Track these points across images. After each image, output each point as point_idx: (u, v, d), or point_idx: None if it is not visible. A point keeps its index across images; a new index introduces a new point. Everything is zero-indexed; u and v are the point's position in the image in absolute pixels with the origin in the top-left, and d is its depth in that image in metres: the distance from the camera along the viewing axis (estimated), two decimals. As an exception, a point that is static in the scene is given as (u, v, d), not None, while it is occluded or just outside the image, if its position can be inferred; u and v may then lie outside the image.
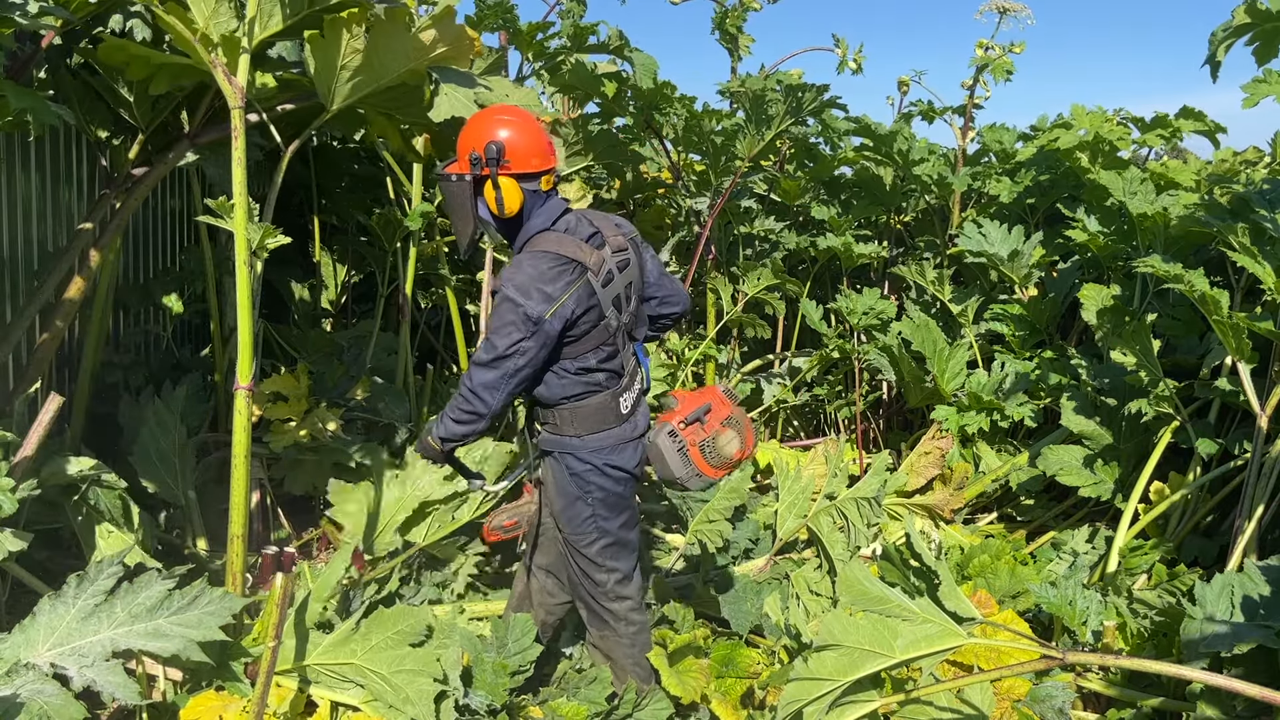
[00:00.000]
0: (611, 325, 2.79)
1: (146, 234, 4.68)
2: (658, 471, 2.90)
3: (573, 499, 2.85)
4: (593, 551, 2.88)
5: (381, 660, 2.56)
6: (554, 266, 2.66)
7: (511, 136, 2.69)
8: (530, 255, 2.69)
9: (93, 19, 3.17)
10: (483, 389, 2.65)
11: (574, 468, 2.82)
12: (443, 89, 3.14)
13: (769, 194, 6.16)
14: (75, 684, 2.25)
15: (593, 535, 2.87)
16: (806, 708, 2.36)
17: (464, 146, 2.72)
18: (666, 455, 2.86)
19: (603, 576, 2.91)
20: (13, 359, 3.70)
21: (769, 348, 6.21)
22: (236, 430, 2.65)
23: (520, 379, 2.67)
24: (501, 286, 2.66)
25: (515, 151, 2.69)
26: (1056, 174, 5.31)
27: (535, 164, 2.72)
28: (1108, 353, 4.47)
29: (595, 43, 4.74)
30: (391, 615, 2.62)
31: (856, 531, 4.05)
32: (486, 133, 2.69)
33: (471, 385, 2.66)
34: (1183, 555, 3.92)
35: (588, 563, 2.90)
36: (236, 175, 2.51)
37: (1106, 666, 3.04)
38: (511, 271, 2.68)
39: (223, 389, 4.42)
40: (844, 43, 5.48)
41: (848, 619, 2.34)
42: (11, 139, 3.55)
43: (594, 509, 2.85)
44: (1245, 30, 3.12)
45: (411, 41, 2.94)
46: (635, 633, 2.97)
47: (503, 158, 2.67)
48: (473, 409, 2.67)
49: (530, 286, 2.63)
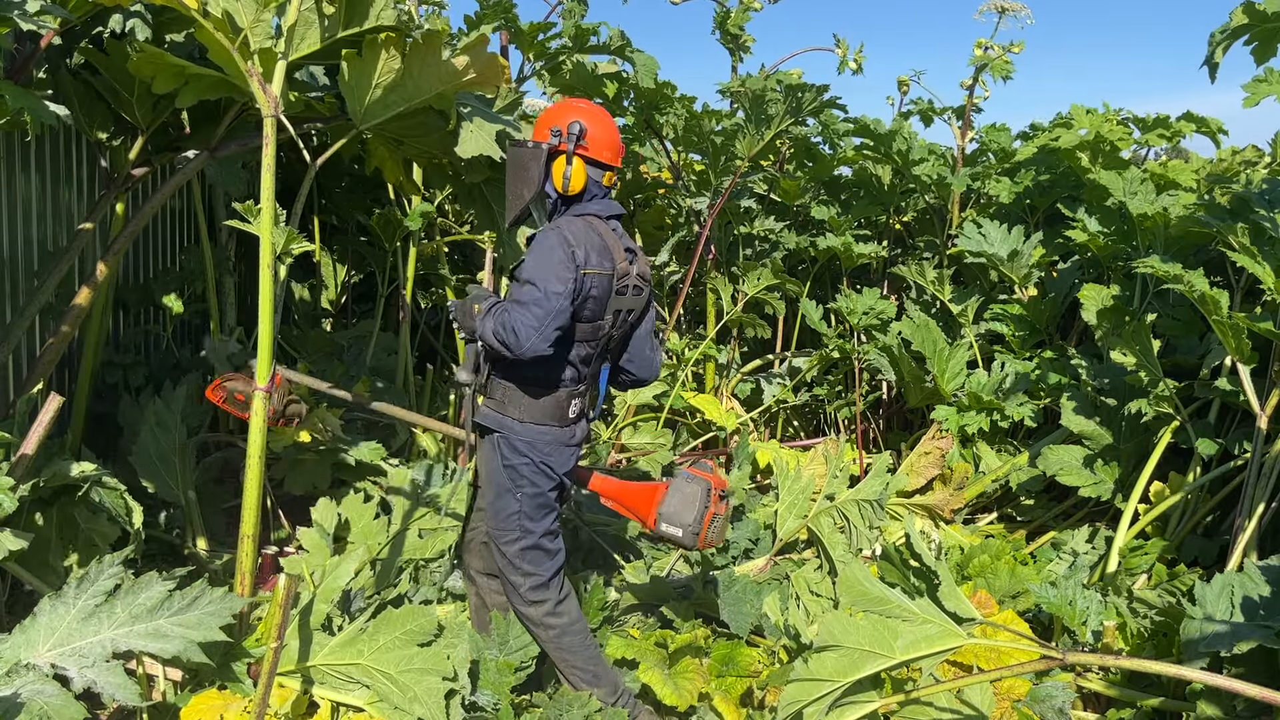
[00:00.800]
0: (603, 329, 2.82)
1: (146, 234, 4.68)
2: (666, 510, 2.90)
3: (502, 490, 2.83)
4: (513, 551, 2.84)
5: (389, 660, 2.56)
6: (598, 243, 2.77)
7: (594, 124, 2.82)
8: (580, 220, 2.80)
9: (92, 18, 3.17)
10: (523, 329, 2.62)
11: (509, 458, 2.81)
12: (471, 124, 3.25)
13: (769, 194, 6.16)
14: (76, 685, 2.25)
15: (515, 533, 2.83)
16: (806, 708, 2.37)
17: (545, 122, 2.83)
18: (692, 504, 2.88)
19: (518, 579, 2.85)
20: (13, 359, 3.70)
21: (769, 348, 6.21)
22: (252, 431, 2.65)
23: (559, 325, 2.65)
24: (548, 232, 2.72)
25: (595, 138, 2.82)
26: (1056, 174, 5.31)
27: (607, 156, 2.85)
28: (1108, 353, 4.47)
29: (596, 43, 4.75)
30: (400, 616, 2.62)
31: (858, 533, 4.05)
32: (573, 114, 2.82)
33: (512, 322, 2.63)
34: (1183, 555, 3.93)
35: (506, 563, 2.86)
36: (266, 181, 2.54)
37: (1106, 666, 3.04)
38: (562, 224, 2.76)
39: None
40: (844, 43, 5.48)
41: (848, 619, 2.34)
42: (12, 139, 3.56)
43: (521, 505, 2.82)
44: (1243, 31, 3.12)
45: (445, 66, 3.03)
46: (556, 636, 2.86)
47: (582, 138, 2.80)
48: (505, 339, 2.64)
49: (583, 239, 2.73)
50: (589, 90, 5.15)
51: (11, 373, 3.69)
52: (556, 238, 2.71)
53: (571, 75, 5.04)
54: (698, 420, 5.45)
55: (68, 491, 2.99)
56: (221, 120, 3.55)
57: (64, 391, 4.04)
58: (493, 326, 2.69)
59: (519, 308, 2.64)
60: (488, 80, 3.12)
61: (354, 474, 4.27)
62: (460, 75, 3.05)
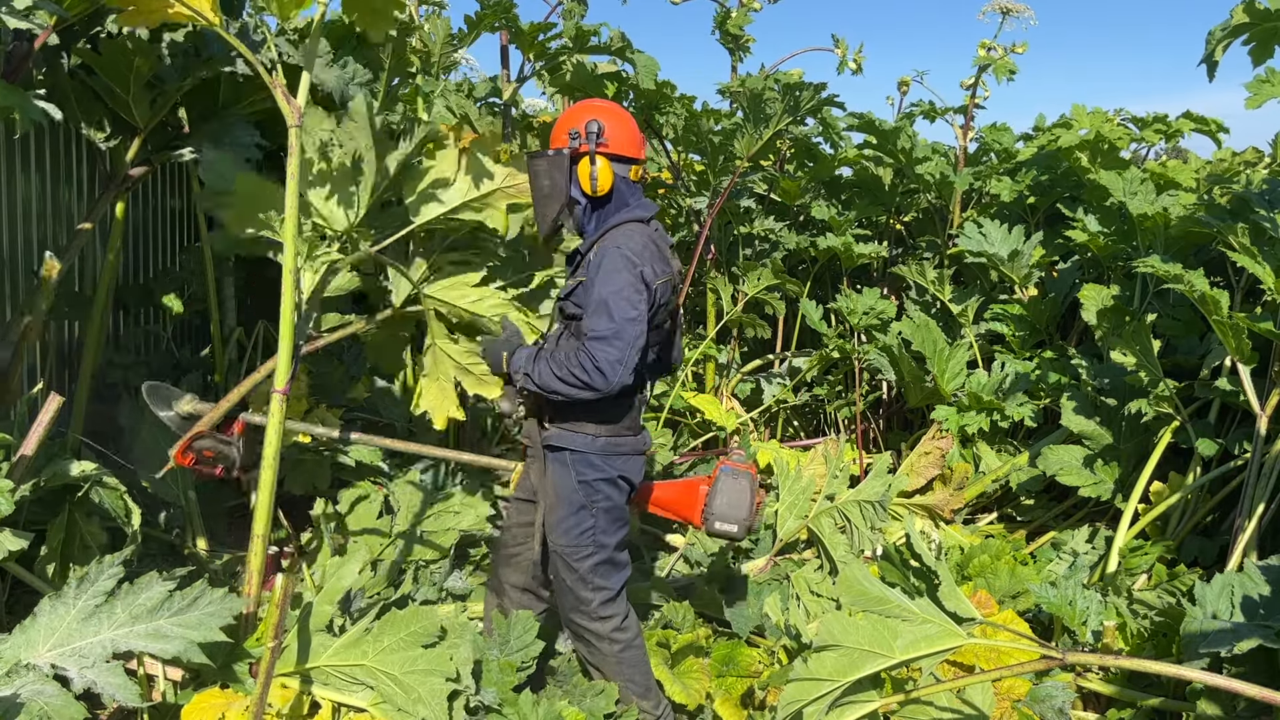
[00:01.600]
0: (664, 331, 2.80)
1: (146, 234, 4.68)
2: (719, 508, 2.86)
3: (576, 508, 2.75)
4: (585, 567, 2.77)
5: (394, 661, 2.56)
6: (654, 251, 2.73)
7: (610, 120, 2.77)
8: (635, 228, 2.74)
9: (90, 18, 3.17)
10: (608, 365, 2.55)
11: (584, 474, 2.73)
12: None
13: (769, 194, 6.16)
14: (76, 685, 2.25)
15: (589, 549, 2.76)
16: (806, 708, 2.36)
17: (562, 128, 2.77)
18: (743, 499, 2.85)
19: (588, 594, 2.79)
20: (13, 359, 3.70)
21: (769, 348, 6.21)
22: (269, 432, 2.65)
23: (640, 349, 2.60)
24: (607, 249, 2.65)
25: (613, 133, 2.76)
26: (1056, 174, 5.31)
27: (630, 149, 2.79)
28: (1108, 353, 4.47)
29: (597, 44, 4.75)
30: (405, 617, 2.61)
31: (859, 534, 4.05)
32: (587, 114, 2.77)
33: (596, 353, 2.55)
34: (1183, 555, 3.92)
35: (576, 579, 2.79)
36: (290, 189, 2.54)
37: (1106, 666, 3.04)
38: (619, 239, 2.68)
39: (223, 389, 4.42)
40: (844, 43, 5.48)
41: (847, 619, 2.34)
42: (12, 139, 3.56)
43: (596, 520, 2.76)
44: (1243, 30, 3.12)
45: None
46: (620, 650, 2.83)
47: (601, 135, 2.74)
48: (587, 380, 2.56)
49: (643, 252, 2.67)
50: (589, 90, 5.15)
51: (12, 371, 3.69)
52: (620, 259, 2.63)
53: (571, 76, 5.04)
54: (698, 420, 5.45)
55: (69, 492, 2.99)
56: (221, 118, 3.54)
57: (64, 391, 4.04)
58: (562, 373, 2.59)
59: (599, 344, 2.55)
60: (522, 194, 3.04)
61: (354, 474, 4.27)
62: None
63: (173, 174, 4.89)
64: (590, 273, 2.67)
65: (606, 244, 2.69)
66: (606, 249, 2.67)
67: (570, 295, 2.74)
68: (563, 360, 2.61)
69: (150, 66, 3.32)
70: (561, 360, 2.61)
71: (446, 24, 4.63)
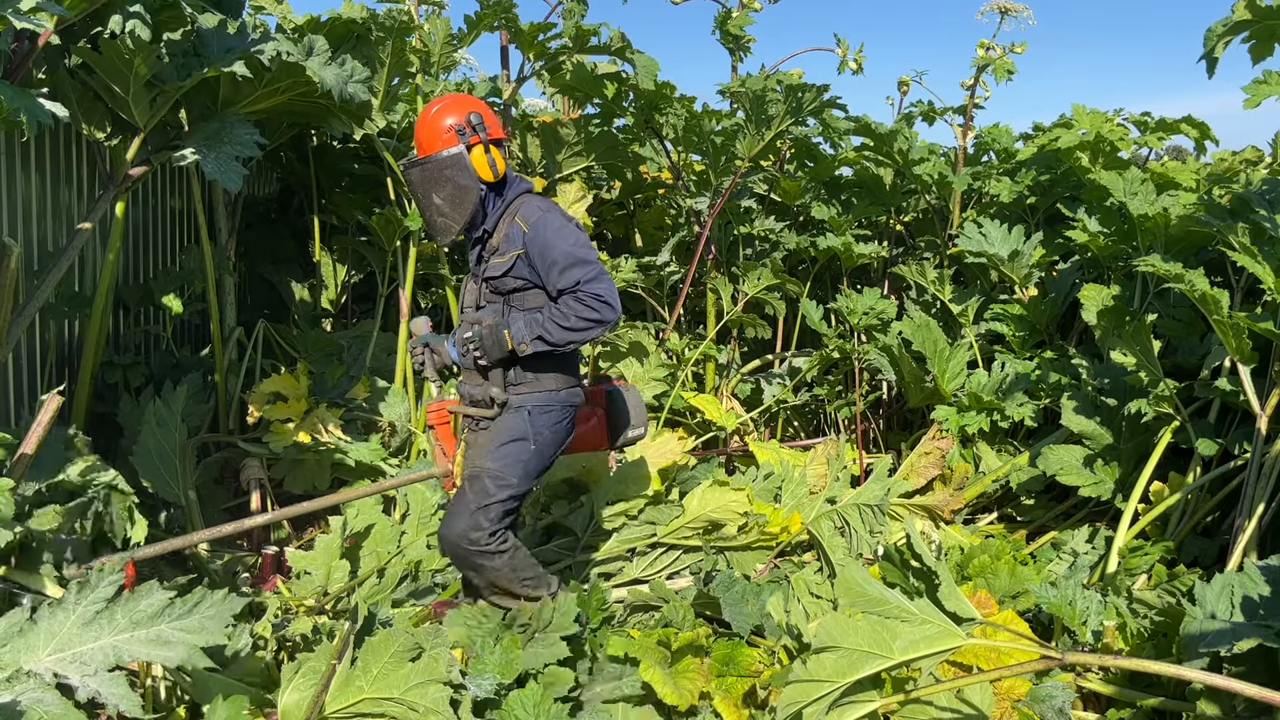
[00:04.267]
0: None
1: (146, 234, 4.68)
2: (635, 420, 3.19)
3: (517, 436, 2.96)
4: (497, 497, 2.94)
5: (390, 685, 2.56)
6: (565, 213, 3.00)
7: (480, 108, 2.96)
8: (540, 199, 2.99)
9: (90, 17, 3.17)
10: (610, 296, 2.82)
11: (538, 422, 2.98)
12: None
13: (769, 194, 6.16)
14: (80, 694, 2.23)
15: (513, 479, 2.95)
16: (806, 709, 2.36)
17: (438, 128, 2.91)
18: (636, 401, 3.23)
19: (486, 523, 2.94)
20: (13, 359, 3.70)
21: (769, 348, 6.21)
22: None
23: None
24: (536, 215, 2.88)
25: (489, 120, 2.96)
26: (1056, 174, 5.31)
27: (500, 131, 3.01)
28: (1108, 353, 4.47)
29: (596, 44, 4.74)
30: (383, 641, 2.62)
31: (859, 537, 4.05)
32: (459, 109, 2.93)
33: (596, 291, 2.80)
34: (1183, 555, 3.92)
35: (481, 507, 2.94)
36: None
37: (1106, 666, 3.04)
38: (538, 205, 2.94)
39: (223, 389, 4.42)
40: (844, 43, 5.48)
41: (847, 620, 2.34)
42: (12, 139, 3.55)
43: (530, 456, 2.97)
44: (1244, 27, 3.11)
45: None
46: (508, 558, 2.99)
47: (484, 124, 2.92)
48: (599, 316, 2.82)
49: (570, 220, 2.95)
50: (589, 90, 5.14)
51: (11, 372, 3.69)
52: (556, 219, 2.88)
53: (571, 76, 5.04)
54: (698, 420, 5.45)
55: (71, 496, 2.98)
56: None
57: (64, 392, 4.04)
58: (570, 322, 2.82)
59: (592, 284, 2.80)
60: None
61: (354, 474, 4.27)
62: None
63: (173, 174, 4.89)
64: (530, 244, 2.87)
65: (525, 214, 2.92)
66: (532, 219, 2.89)
67: (509, 271, 2.92)
68: (563, 313, 2.83)
69: (150, 66, 3.32)
70: (560, 314, 2.84)
71: (446, 24, 4.63)
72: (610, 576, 3.84)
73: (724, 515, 3.84)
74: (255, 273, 5.47)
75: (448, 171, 2.90)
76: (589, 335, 2.86)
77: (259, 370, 4.68)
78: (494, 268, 2.95)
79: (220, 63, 3.39)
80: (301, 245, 5.61)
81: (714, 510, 3.83)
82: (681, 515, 3.85)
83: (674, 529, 3.83)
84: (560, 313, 2.83)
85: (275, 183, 5.87)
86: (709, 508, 3.83)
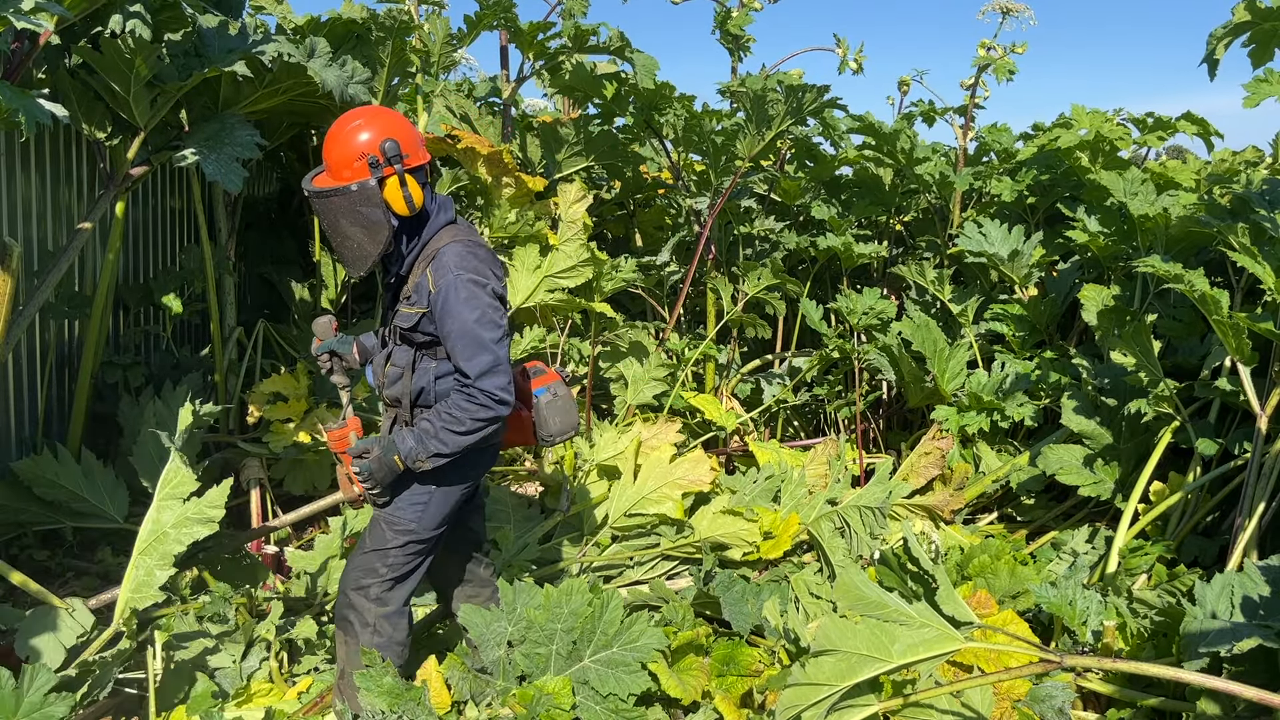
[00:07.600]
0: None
1: (146, 234, 4.69)
2: (551, 425, 2.86)
3: (418, 480, 2.73)
4: (395, 543, 2.74)
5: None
6: (487, 251, 2.70)
7: (398, 132, 2.60)
8: (459, 245, 2.65)
9: (90, 17, 3.17)
10: (502, 392, 2.57)
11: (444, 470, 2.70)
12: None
13: (769, 194, 6.16)
14: None
15: (409, 526, 2.73)
16: (805, 712, 2.36)
17: (349, 154, 2.57)
18: (568, 403, 2.89)
19: (383, 569, 2.75)
20: (13, 358, 3.71)
21: (769, 348, 6.21)
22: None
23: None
24: (447, 277, 2.57)
25: (408, 146, 2.61)
26: (1057, 174, 5.30)
27: (422, 156, 2.67)
28: (1108, 353, 4.47)
29: (596, 44, 4.74)
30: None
31: (859, 539, 4.05)
32: (375, 132, 2.57)
33: (491, 388, 2.55)
34: (1183, 555, 3.92)
35: (378, 552, 2.75)
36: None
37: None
38: (452, 261, 2.60)
39: (223, 389, 4.42)
40: (844, 43, 5.48)
41: (845, 624, 2.34)
42: (12, 139, 3.56)
43: (429, 502, 2.74)
44: (1244, 29, 3.12)
45: None
46: (374, 642, 2.77)
47: (401, 153, 2.57)
48: (494, 414, 2.58)
49: (484, 267, 2.63)
50: (589, 90, 5.14)
51: (11, 372, 3.69)
52: (466, 286, 2.57)
53: (571, 75, 5.04)
54: (697, 420, 5.45)
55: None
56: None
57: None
58: (464, 426, 2.58)
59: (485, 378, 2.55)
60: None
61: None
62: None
63: (173, 174, 4.89)
64: (436, 305, 2.60)
65: (437, 267, 2.61)
66: (442, 281, 2.58)
67: (417, 326, 2.66)
68: (456, 417, 2.59)
69: (151, 66, 3.32)
70: (453, 419, 2.59)
71: (446, 23, 4.63)
72: (611, 579, 3.85)
73: (732, 540, 3.87)
74: (255, 273, 5.47)
75: (358, 205, 2.57)
76: (486, 433, 2.62)
77: (259, 370, 4.68)
78: (403, 318, 2.69)
79: (221, 63, 3.39)
80: (301, 245, 5.61)
81: (723, 534, 3.86)
82: (690, 535, 3.88)
83: (679, 545, 3.86)
84: (453, 417, 2.59)
85: (275, 183, 5.87)
86: (718, 531, 3.86)
